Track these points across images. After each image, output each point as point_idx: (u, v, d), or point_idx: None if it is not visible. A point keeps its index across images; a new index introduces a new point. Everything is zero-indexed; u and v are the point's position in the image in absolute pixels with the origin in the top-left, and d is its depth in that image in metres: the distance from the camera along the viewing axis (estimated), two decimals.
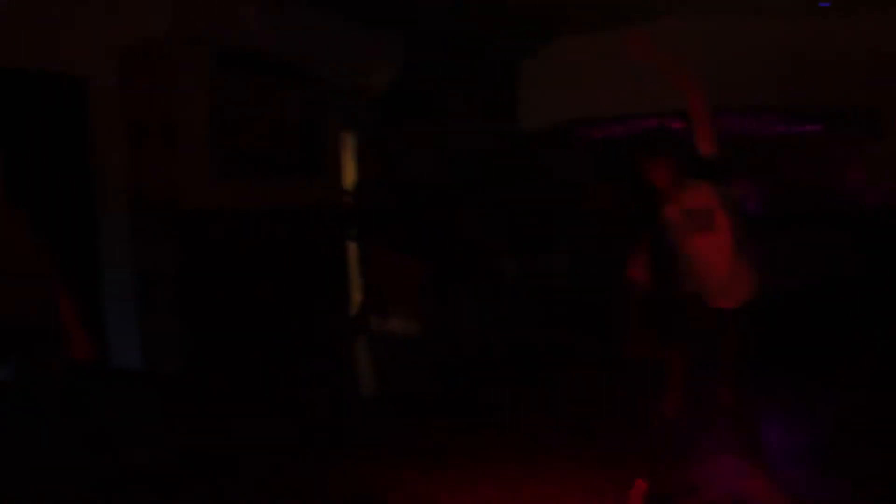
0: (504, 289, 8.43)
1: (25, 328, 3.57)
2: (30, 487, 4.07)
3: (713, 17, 7.71)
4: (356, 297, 8.22)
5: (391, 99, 8.66)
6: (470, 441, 4.97)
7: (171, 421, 5.65)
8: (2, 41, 6.31)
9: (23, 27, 6.43)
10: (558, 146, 9.14)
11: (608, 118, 8.56)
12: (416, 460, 4.62)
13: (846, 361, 6.31)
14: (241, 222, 6.91)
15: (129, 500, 4.14)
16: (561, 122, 8.83)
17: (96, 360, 3.67)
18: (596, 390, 6.15)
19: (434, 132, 9.01)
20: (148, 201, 6.78)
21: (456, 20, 7.82)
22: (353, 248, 8.20)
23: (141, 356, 6.87)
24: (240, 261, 6.92)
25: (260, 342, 6.88)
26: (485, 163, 8.86)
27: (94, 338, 6.32)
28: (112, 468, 4.61)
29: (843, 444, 4.64)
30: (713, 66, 7.56)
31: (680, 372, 3.85)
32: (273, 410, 5.73)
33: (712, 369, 3.81)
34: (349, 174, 8.47)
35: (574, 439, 4.92)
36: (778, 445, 4.42)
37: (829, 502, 3.88)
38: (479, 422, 5.37)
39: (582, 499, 4.01)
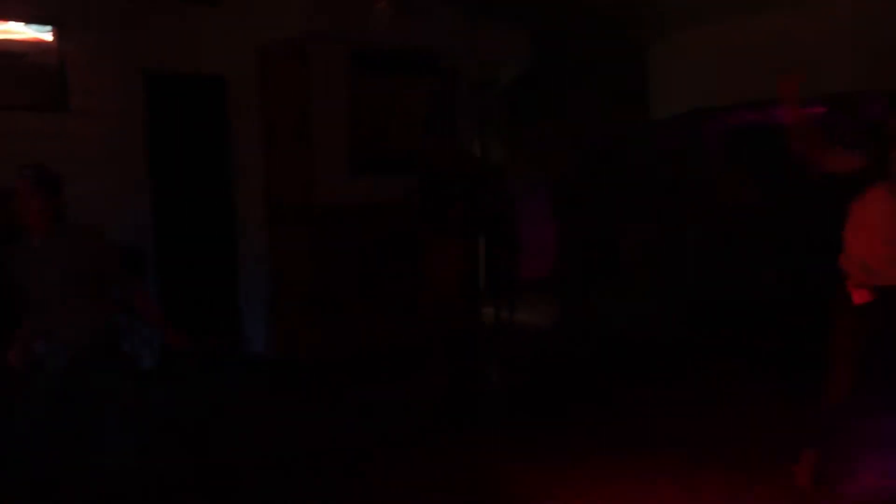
0: (639, 284, 8.31)
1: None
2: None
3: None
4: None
5: (521, 92, 8.68)
6: (605, 438, 4.96)
7: (301, 407, 5.92)
8: (147, 45, 6.79)
9: (166, 30, 6.88)
10: (691, 135, 8.92)
11: (742, 105, 8.29)
12: (547, 456, 4.63)
13: None
14: (372, 217, 7.11)
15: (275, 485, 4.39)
16: (693, 110, 8.62)
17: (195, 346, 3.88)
18: (733, 390, 5.99)
19: (565, 125, 8.98)
20: (283, 198, 7.08)
21: (582, 12, 7.77)
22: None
23: (275, 346, 7.22)
24: (370, 253, 7.13)
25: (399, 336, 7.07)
26: (617, 155, 8.75)
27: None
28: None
29: None
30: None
31: (849, 355, 3.71)
32: (398, 399, 5.90)
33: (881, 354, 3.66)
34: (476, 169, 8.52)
35: (709, 440, 4.82)
36: None
37: None
38: (612, 419, 5.34)
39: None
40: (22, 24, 6.12)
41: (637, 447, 4.71)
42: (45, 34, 6.21)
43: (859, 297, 3.65)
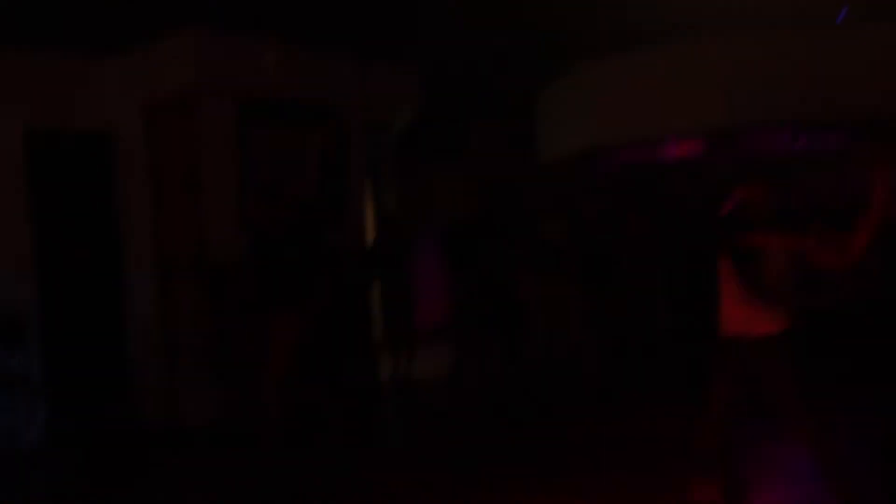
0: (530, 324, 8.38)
1: None
2: None
3: (730, 35, 7.73)
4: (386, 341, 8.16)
5: (413, 135, 8.71)
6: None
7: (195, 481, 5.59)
8: (29, 101, 6.50)
9: (49, 86, 6.61)
10: (581, 174, 9.15)
11: (631, 143, 8.56)
12: None
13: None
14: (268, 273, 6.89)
15: None
16: (583, 148, 8.84)
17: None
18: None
19: (457, 167, 9.05)
20: (174, 257, 6.84)
21: (472, 53, 7.88)
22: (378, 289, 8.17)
23: (167, 414, 6.88)
24: (265, 306, 6.91)
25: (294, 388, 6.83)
26: (510, 195, 8.87)
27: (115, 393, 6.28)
28: None
29: None
30: (739, 84, 7.65)
31: (723, 406, 3.83)
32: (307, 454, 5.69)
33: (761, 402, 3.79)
34: (372, 214, 8.49)
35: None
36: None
37: None
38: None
39: None
40: None
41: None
42: None
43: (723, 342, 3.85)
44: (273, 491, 5.03)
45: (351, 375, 6.04)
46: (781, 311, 3.74)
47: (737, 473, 3.93)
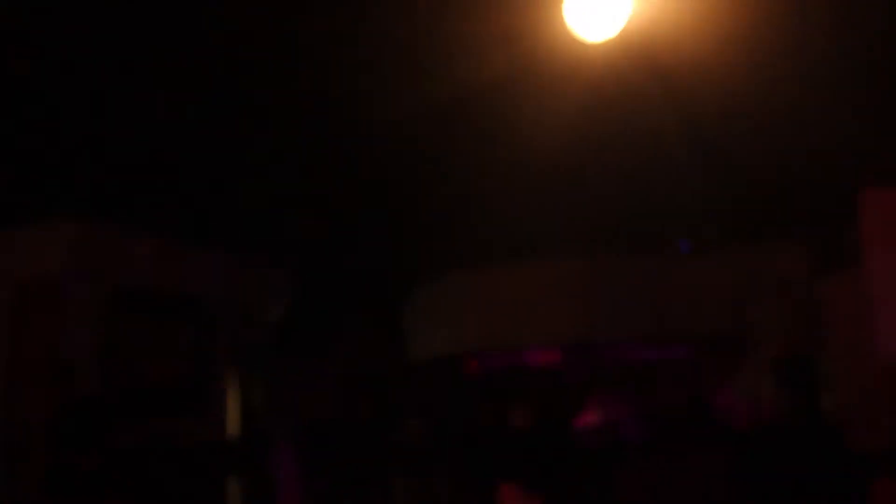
0: None
1: None
2: None
3: (594, 255, 8.41)
4: None
5: (281, 332, 8.75)
6: None
7: None
8: None
9: None
10: (445, 378, 9.36)
11: (494, 350, 8.92)
12: None
13: None
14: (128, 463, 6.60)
15: None
16: (448, 353, 9.10)
17: None
18: None
19: (324, 363, 9.08)
20: (35, 441, 6.47)
21: (345, 255, 8.18)
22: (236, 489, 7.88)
23: None
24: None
25: None
26: (375, 395, 8.92)
27: None
28: None
29: None
30: (595, 300, 8.25)
31: None
32: None
33: None
34: (237, 410, 8.32)
35: None
36: None
37: None
38: None
39: None
40: None
41: None
42: None
43: None
44: None
45: None
46: None
47: None
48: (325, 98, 4.56)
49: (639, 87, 4.36)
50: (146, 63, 4.06)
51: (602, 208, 6.81)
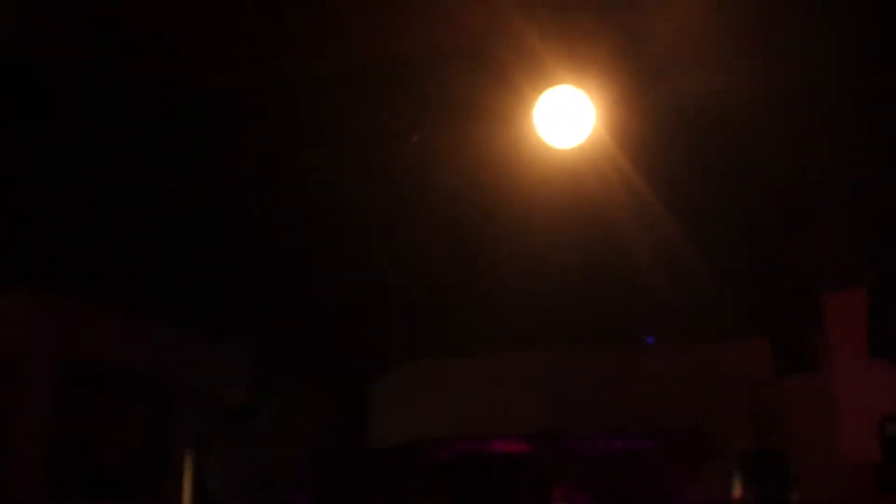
0: None
1: None
2: None
3: (560, 347, 8.40)
4: None
5: (242, 410, 8.60)
6: None
7: None
8: None
9: None
10: (409, 464, 9.21)
11: (460, 438, 8.81)
12: None
13: None
14: None
15: None
16: (413, 439, 8.97)
17: None
18: None
19: (285, 443, 8.92)
20: None
21: (312, 338, 8.11)
22: None
23: None
24: None
25: None
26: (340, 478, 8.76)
27: None
28: None
29: None
30: (561, 390, 8.23)
31: None
32: None
33: None
34: (192, 492, 8.11)
35: None
36: None
37: None
38: None
39: None
40: None
41: None
42: None
43: None
44: None
45: None
46: None
47: None
48: (298, 199, 4.59)
49: (604, 189, 4.42)
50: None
51: (570, 301, 6.84)
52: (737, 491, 7.97)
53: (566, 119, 3.63)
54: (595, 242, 5.35)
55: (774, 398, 7.61)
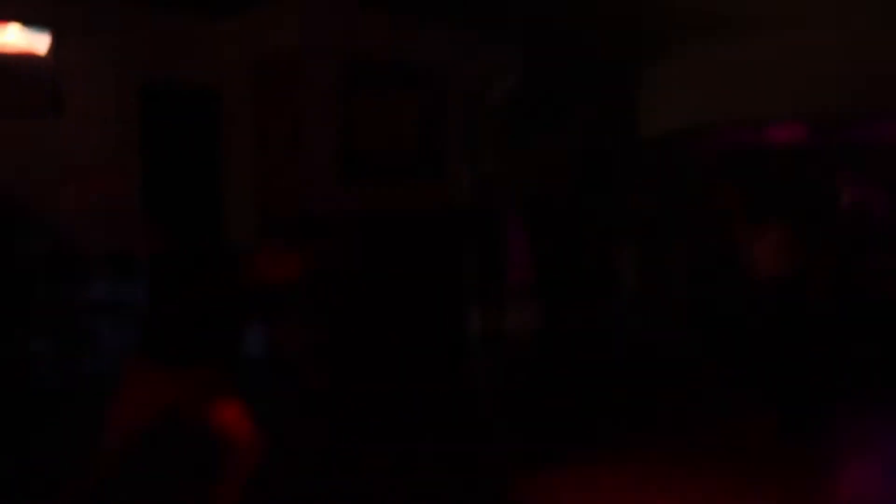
0: (625, 294, 8.41)
1: None
2: None
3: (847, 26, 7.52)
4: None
5: (511, 105, 8.74)
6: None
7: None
8: (143, 56, 6.80)
9: (163, 42, 6.90)
10: (684, 152, 9.04)
11: (734, 125, 8.43)
12: None
13: None
14: (364, 226, 7.08)
15: None
16: (683, 128, 8.73)
17: None
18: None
19: (556, 137, 9.05)
20: (274, 207, 7.04)
21: (580, 28, 7.87)
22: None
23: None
24: (363, 265, 7.07)
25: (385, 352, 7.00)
26: (608, 168, 8.85)
27: None
28: None
29: None
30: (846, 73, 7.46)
31: None
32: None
33: None
34: (468, 179, 8.56)
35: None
36: None
37: None
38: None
39: None
40: (18, 28, 6.07)
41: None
42: (41, 40, 6.17)
43: None
44: None
45: (442, 330, 6.09)
46: None
47: None
48: None
49: None
50: None
51: None
52: None
53: None
54: None
55: None
